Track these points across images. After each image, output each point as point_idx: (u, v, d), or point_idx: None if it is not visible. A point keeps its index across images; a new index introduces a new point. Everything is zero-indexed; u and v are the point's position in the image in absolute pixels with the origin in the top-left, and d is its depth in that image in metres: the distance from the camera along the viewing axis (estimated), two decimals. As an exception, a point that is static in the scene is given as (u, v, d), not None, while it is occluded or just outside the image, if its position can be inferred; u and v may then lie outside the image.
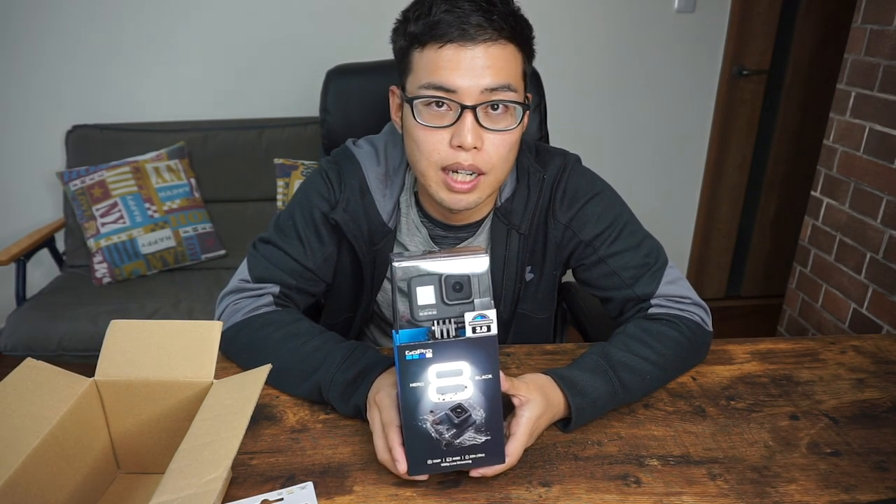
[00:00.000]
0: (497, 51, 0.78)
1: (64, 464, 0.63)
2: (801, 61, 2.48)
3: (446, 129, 0.79)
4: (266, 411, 0.82)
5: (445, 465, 0.65)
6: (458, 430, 0.64)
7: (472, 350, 0.64)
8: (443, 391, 0.64)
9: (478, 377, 0.64)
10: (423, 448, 0.64)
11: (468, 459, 0.65)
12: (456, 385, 0.64)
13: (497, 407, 0.65)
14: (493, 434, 0.65)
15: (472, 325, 0.64)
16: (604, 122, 2.47)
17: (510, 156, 0.84)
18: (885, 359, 0.96)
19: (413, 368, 0.63)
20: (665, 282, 0.91)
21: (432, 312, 0.65)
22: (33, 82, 2.14)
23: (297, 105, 2.26)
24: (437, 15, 0.76)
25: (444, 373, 0.64)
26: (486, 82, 0.77)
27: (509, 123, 0.81)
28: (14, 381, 0.63)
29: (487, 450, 0.65)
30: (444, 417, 0.64)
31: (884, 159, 1.68)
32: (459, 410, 0.64)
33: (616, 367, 0.81)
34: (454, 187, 0.82)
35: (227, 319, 0.90)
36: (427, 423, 0.64)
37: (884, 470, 0.73)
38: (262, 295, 0.91)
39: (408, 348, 0.63)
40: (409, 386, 0.63)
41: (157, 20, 2.13)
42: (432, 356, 0.63)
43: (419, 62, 0.80)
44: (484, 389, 0.64)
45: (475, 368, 0.64)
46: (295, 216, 0.94)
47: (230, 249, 2.16)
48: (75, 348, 1.77)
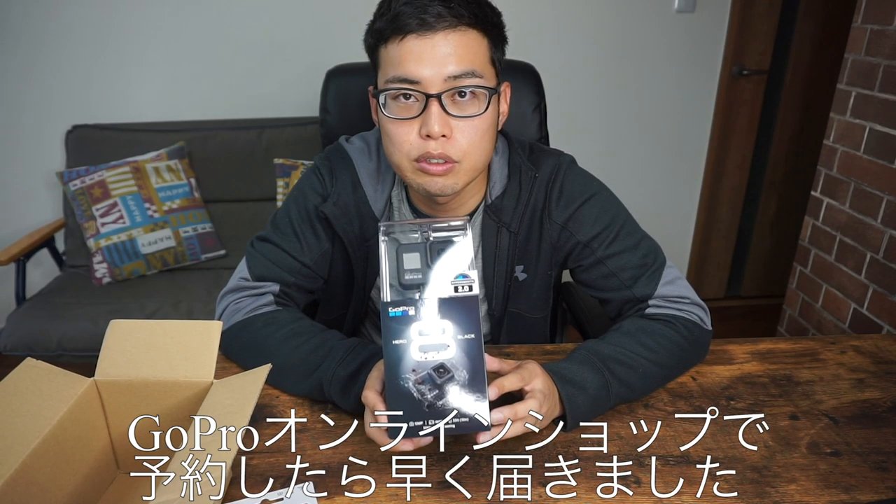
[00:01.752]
0: (458, 37, 0.78)
1: (64, 464, 0.63)
2: (801, 61, 2.48)
3: (415, 120, 0.80)
4: (266, 411, 0.82)
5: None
6: (440, 391, 0.64)
7: (454, 309, 0.65)
8: (425, 349, 0.64)
9: (460, 336, 0.65)
10: (405, 408, 0.64)
11: (451, 424, 0.64)
12: (438, 344, 0.65)
13: (480, 368, 0.65)
14: (477, 397, 0.65)
15: (454, 285, 0.66)
16: (604, 122, 2.47)
17: (483, 142, 0.83)
18: (885, 359, 0.96)
19: (396, 325, 0.65)
20: (663, 282, 0.91)
21: (417, 276, 0.67)
22: (33, 82, 2.14)
23: (297, 105, 2.26)
24: (396, 8, 0.77)
25: (427, 331, 0.65)
26: (449, 70, 0.77)
27: (477, 109, 0.80)
28: (14, 381, 0.63)
29: (470, 414, 0.65)
30: (426, 377, 0.64)
31: (884, 159, 1.68)
32: (442, 370, 0.64)
33: (605, 359, 0.81)
34: (428, 170, 0.82)
35: (227, 319, 0.90)
36: (409, 381, 0.64)
37: (884, 470, 0.73)
38: (263, 294, 0.91)
39: (391, 305, 0.65)
40: (391, 343, 0.64)
41: (158, 20, 2.13)
42: (415, 314, 0.65)
43: (385, 58, 0.81)
44: (466, 350, 0.65)
45: (457, 328, 0.65)
46: (291, 213, 0.94)
47: (230, 249, 2.16)
48: (75, 348, 1.77)
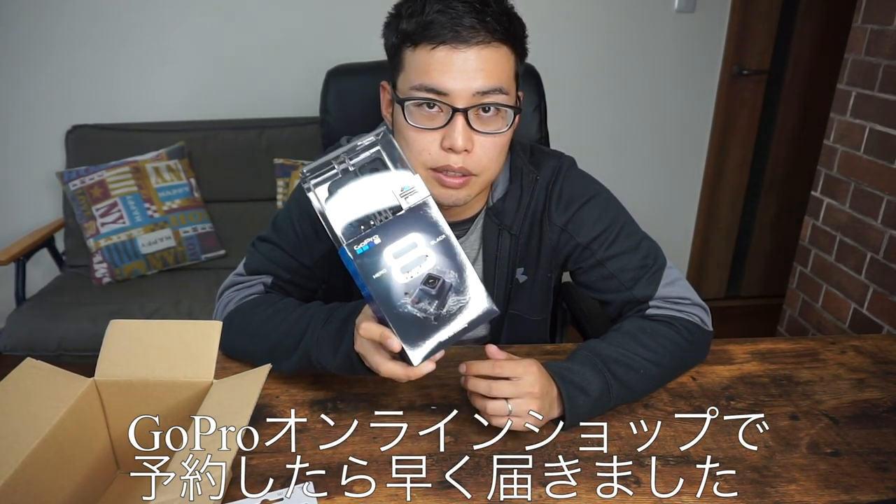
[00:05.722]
0: (489, 53, 0.77)
1: (64, 464, 0.63)
2: (801, 61, 2.48)
3: (437, 131, 0.79)
4: (266, 411, 0.82)
5: (446, 340, 0.64)
6: (439, 300, 0.64)
7: (413, 219, 0.65)
8: (407, 269, 0.64)
9: (433, 242, 0.65)
10: (415, 332, 0.64)
11: (464, 324, 0.64)
12: (417, 257, 0.64)
13: (463, 262, 0.65)
14: (473, 289, 0.65)
15: (403, 197, 0.65)
16: (604, 122, 2.47)
17: (501, 157, 0.84)
18: (885, 359, 0.96)
19: (369, 260, 0.64)
20: (664, 283, 0.90)
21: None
22: (33, 82, 2.14)
23: (297, 105, 2.26)
24: (430, 14, 0.76)
25: (400, 251, 0.64)
26: (477, 85, 0.77)
27: (500, 126, 0.80)
28: (14, 381, 0.63)
29: (476, 307, 0.65)
30: (420, 294, 0.64)
31: (884, 159, 1.68)
32: (432, 281, 0.64)
33: (607, 360, 0.81)
34: (445, 182, 0.82)
35: (221, 312, 0.92)
36: (407, 305, 0.64)
37: (884, 470, 0.73)
38: (254, 284, 0.93)
39: (355, 242, 0.64)
40: (373, 278, 0.63)
41: (158, 20, 2.13)
42: (381, 240, 0.64)
43: (411, 62, 0.79)
44: (445, 251, 0.65)
45: (426, 235, 0.65)
46: (292, 213, 0.94)
47: (230, 249, 2.16)
48: (75, 348, 1.77)
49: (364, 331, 0.67)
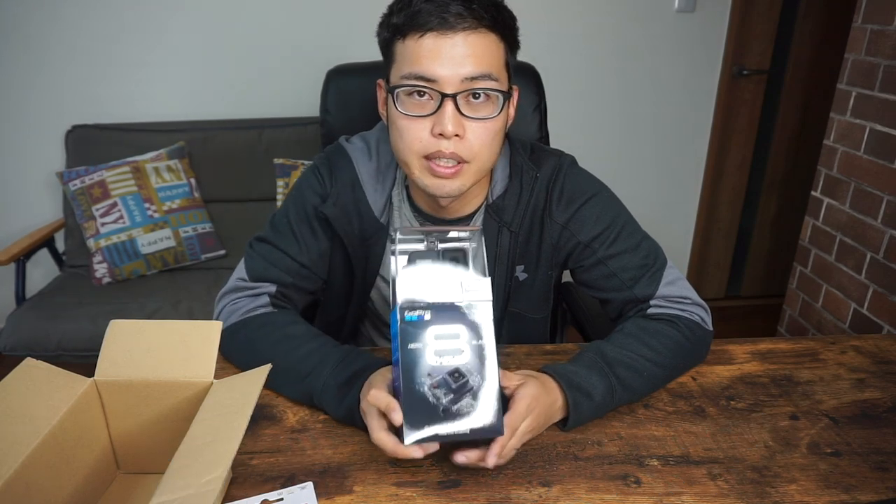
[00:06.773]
0: (477, 39, 0.78)
1: (64, 464, 0.63)
2: (801, 61, 2.48)
3: (428, 118, 0.80)
4: (266, 411, 0.82)
5: (443, 436, 0.64)
6: (455, 395, 0.64)
7: (467, 314, 0.66)
8: (440, 354, 0.65)
9: (474, 342, 0.66)
10: (420, 413, 0.64)
11: (466, 429, 0.64)
12: (454, 349, 0.65)
13: (494, 374, 0.65)
14: (491, 402, 0.65)
15: (466, 291, 0.67)
16: (604, 122, 2.47)
17: (493, 144, 0.83)
18: (886, 359, 0.96)
19: (412, 329, 0.65)
20: (664, 283, 0.91)
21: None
22: (33, 82, 2.14)
23: (297, 105, 2.26)
24: (417, 5, 0.77)
25: (442, 335, 0.65)
26: (466, 71, 0.77)
27: (490, 112, 0.81)
28: (14, 381, 0.63)
29: (485, 419, 0.65)
30: (441, 381, 0.64)
31: (884, 159, 1.68)
32: (457, 375, 0.65)
33: (612, 363, 0.81)
34: (437, 171, 0.81)
35: (224, 319, 0.90)
36: (425, 386, 0.64)
37: (884, 470, 0.73)
38: (260, 294, 0.91)
39: (408, 309, 0.65)
40: (408, 347, 0.64)
41: (157, 20, 2.13)
42: (430, 318, 0.65)
43: (401, 53, 0.80)
44: (480, 355, 0.65)
45: (471, 332, 0.66)
46: (289, 213, 0.94)
47: (230, 249, 2.16)
48: (75, 348, 1.77)
49: (372, 398, 0.67)
